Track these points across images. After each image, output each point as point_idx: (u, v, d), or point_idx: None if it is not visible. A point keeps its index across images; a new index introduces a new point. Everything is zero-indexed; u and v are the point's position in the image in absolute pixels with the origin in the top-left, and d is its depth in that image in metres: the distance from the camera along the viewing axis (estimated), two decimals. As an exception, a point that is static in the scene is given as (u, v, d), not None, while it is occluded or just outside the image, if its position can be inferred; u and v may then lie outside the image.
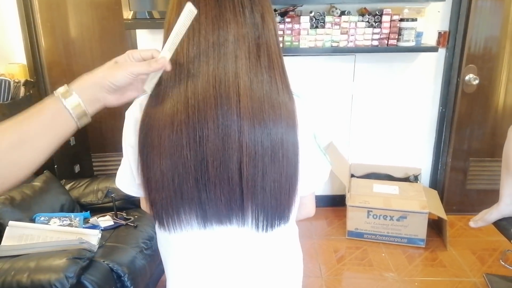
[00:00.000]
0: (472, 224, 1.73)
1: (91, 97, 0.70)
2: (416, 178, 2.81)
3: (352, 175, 2.85)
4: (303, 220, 0.98)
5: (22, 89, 2.48)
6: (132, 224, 2.00)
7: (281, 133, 0.75)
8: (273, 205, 0.78)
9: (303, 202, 0.91)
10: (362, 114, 2.84)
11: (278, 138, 0.75)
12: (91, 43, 2.88)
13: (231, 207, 0.77)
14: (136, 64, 0.71)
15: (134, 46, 2.67)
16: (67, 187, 2.27)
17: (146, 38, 2.65)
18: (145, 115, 0.77)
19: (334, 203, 2.95)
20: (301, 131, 0.79)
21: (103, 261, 1.67)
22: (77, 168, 2.71)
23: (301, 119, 0.79)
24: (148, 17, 2.45)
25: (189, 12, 0.70)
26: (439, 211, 2.54)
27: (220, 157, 0.73)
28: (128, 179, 0.88)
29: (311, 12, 2.51)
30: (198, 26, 0.73)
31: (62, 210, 2.04)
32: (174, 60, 0.75)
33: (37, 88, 2.85)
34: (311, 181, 0.89)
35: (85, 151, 2.85)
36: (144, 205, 0.97)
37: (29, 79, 2.64)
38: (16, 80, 2.42)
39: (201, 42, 0.73)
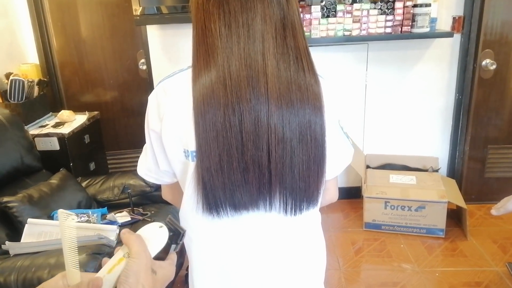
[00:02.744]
0: (494, 212, 1.68)
1: None
2: (435, 171, 2.75)
3: (368, 166, 2.81)
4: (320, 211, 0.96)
5: (36, 89, 2.51)
6: (149, 219, 2.00)
7: (309, 114, 0.75)
8: (301, 188, 0.78)
9: (327, 187, 0.90)
10: (377, 103, 2.79)
11: (306, 120, 0.75)
12: (102, 41, 2.89)
13: (261, 191, 0.77)
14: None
15: (145, 42, 2.67)
16: (83, 184, 2.28)
17: (156, 34, 2.64)
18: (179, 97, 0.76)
19: (349, 195, 2.92)
20: (327, 113, 0.78)
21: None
22: (92, 166, 2.73)
23: (327, 101, 0.78)
24: (157, 12, 2.44)
25: (61, 215, 0.57)
26: (458, 200, 2.49)
27: (253, 139, 0.73)
28: (151, 166, 0.87)
29: (322, 1, 2.47)
30: (227, 6, 0.73)
31: (79, 207, 2.05)
32: (206, 40, 0.74)
33: (50, 87, 2.88)
34: (336, 165, 0.88)
35: (99, 149, 2.87)
36: (166, 195, 0.96)
37: (42, 78, 2.66)
38: (30, 80, 2.44)
39: (231, 22, 0.73)
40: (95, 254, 1.52)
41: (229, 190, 0.75)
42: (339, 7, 2.45)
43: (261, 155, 0.73)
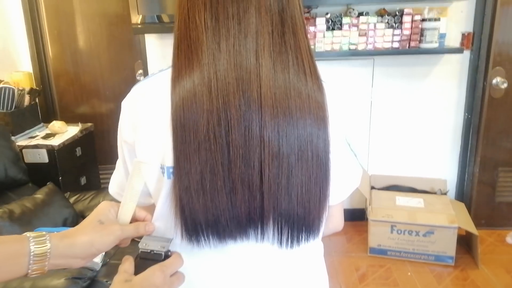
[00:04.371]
0: (510, 240, 1.57)
1: (61, 256, 0.59)
2: (444, 194, 2.62)
3: (372, 187, 2.68)
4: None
5: (27, 98, 2.40)
6: (139, 240, 1.86)
7: (310, 126, 0.63)
8: (300, 215, 0.65)
9: (331, 214, 0.76)
10: (382, 121, 2.68)
11: (306, 132, 0.62)
12: (99, 50, 2.80)
13: (251, 217, 0.64)
14: (124, 228, 0.64)
15: (143, 52, 2.57)
16: (72, 200, 2.15)
17: (155, 44, 2.55)
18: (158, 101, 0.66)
19: (353, 217, 2.77)
20: (332, 125, 0.66)
21: (106, 281, 1.53)
22: (83, 180, 2.60)
23: (332, 111, 0.66)
24: (157, 21, 2.35)
25: (138, 164, 0.65)
26: (469, 226, 2.35)
27: (242, 154, 0.61)
28: (124, 183, 0.75)
29: (327, 14, 2.38)
30: None
31: (65, 224, 1.92)
32: (189, 34, 0.62)
33: (43, 97, 2.77)
34: (341, 187, 0.75)
35: (92, 163, 2.74)
36: None
37: (34, 87, 2.55)
38: (20, 88, 2.34)
39: (219, 13, 0.61)
40: (75, 279, 1.38)
41: (212, 215, 0.63)
42: (345, 20, 2.36)
43: (251, 174, 0.62)
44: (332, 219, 0.78)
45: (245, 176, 0.61)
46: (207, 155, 0.61)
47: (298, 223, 0.66)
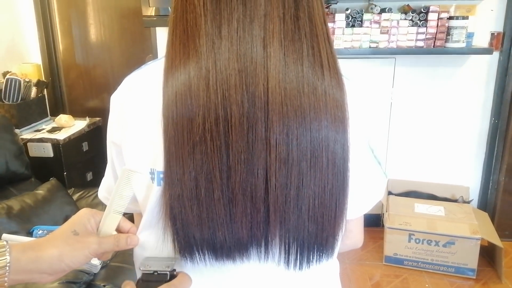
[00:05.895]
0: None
1: (23, 271, 0.50)
2: (466, 202, 2.47)
3: (390, 193, 2.55)
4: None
5: (34, 90, 2.34)
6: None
7: (326, 128, 0.54)
8: (311, 232, 0.56)
9: (349, 229, 0.67)
10: (402, 123, 2.55)
11: (321, 135, 0.53)
12: (110, 43, 2.73)
13: (253, 234, 0.55)
14: (102, 241, 0.55)
15: (154, 45, 2.49)
16: (75, 196, 2.08)
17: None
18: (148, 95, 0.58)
19: (368, 223, 2.63)
20: (352, 128, 0.57)
21: (104, 286, 1.44)
22: (89, 176, 2.53)
23: (353, 112, 0.57)
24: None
25: (127, 172, 0.57)
26: (493, 237, 2.20)
27: (244, 159, 0.52)
28: (112, 188, 0.67)
29: (347, 10, 2.26)
30: None
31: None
32: (186, 17, 0.53)
33: (51, 89, 2.71)
34: (362, 200, 0.66)
35: (99, 158, 2.67)
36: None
37: (42, 79, 2.49)
38: (27, 80, 2.27)
39: None
40: (70, 283, 1.29)
41: (208, 229, 0.54)
42: (366, 16, 2.24)
43: (255, 183, 0.53)
44: (350, 235, 0.69)
45: (247, 185, 0.52)
46: (202, 159, 0.52)
47: (309, 241, 0.57)
